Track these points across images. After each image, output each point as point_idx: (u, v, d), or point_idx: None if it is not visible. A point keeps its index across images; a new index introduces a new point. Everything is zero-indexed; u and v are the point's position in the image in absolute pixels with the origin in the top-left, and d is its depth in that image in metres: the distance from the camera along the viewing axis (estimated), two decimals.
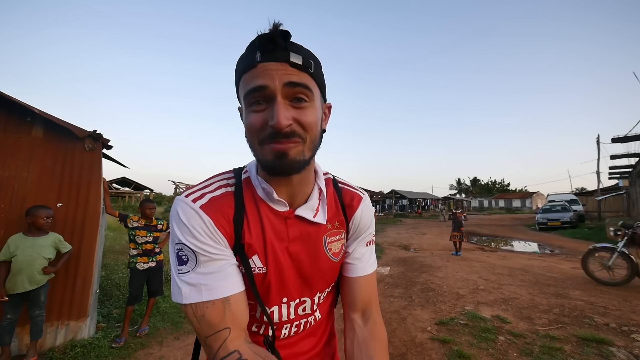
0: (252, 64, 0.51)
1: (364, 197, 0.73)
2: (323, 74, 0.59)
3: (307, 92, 0.53)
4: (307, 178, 0.63)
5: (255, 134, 0.53)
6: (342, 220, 0.69)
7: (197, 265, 0.54)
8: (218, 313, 0.52)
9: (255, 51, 0.51)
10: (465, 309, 3.69)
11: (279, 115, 0.49)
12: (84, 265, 2.80)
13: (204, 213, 0.55)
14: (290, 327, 0.67)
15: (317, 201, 0.65)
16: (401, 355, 2.66)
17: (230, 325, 0.53)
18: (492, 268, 5.97)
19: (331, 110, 0.65)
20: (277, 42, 0.50)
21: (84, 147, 2.88)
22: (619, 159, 13.35)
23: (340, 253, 0.69)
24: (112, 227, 9.75)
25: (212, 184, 0.62)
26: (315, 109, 0.55)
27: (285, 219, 0.62)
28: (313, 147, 0.57)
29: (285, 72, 0.51)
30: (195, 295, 0.52)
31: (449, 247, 9.06)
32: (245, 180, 0.63)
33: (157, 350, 2.78)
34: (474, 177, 70.23)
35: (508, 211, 44.00)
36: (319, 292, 0.68)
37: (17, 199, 2.60)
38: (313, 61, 0.54)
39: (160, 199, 30.12)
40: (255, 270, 0.59)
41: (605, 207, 18.84)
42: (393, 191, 32.49)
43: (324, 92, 0.60)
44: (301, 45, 0.55)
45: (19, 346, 2.50)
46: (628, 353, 2.58)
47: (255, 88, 0.51)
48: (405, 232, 14.00)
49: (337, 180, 0.74)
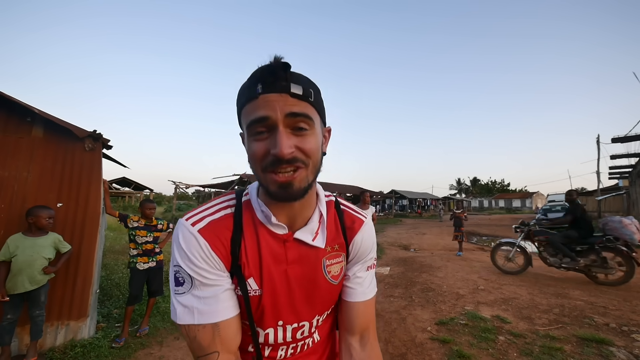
0: (253, 95, 0.53)
1: (366, 221, 0.74)
2: (322, 100, 0.61)
3: (308, 121, 0.55)
4: (308, 202, 0.64)
5: (259, 162, 0.55)
6: (342, 243, 0.69)
7: (192, 287, 0.56)
8: (207, 337, 0.55)
9: (257, 83, 0.53)
10: (465, 309, 3.69)
11: (281, 144, 0.51)
12: (84, 265, 2.80)
13: (201, 237, 0.57)
14: (286, 349, 0.67)
15: (317, 224, 0.66)
16: (401, 355, 2.66)
17: (219, 349, 0.55)
18: (492, 268, 5.97)
19: (330, 133, 0.67)
20: (277, 74, 0.52)
21: (84, 147, 2.88)
22: (619, 159, 13.37)
23: (340, 276, 0.69)
24: (112, 227, 9.75)
25: (213, 207, 0.64)
26: (315, 136, 0.57)
27: (284, 242, 0.63)
28: (315, 171, 0.59)
29: (285, 102, 0.52)
30: (188, 317, 0.56)
31: (449, 247, 9.06)
32: (246, 203, 0.65)
33: (157, 350, 2.78)
34: (474, 177, 70.25)
35: (508, 211, 43.97)
36: (317, 315, 0.68)
37: (17, 199, 2.60)
38: (313, 90, 0.56)
39: (160, 199, 30.13)
40: (251, 292, 0.60)
41: (605, 207, 18.85)
42: (393, 191, 32.47)
43: (324, 118, 0.62)
44: (301, 74, 0.56)
45: (19, 346, 2.50)
46: (628, 353, 2.57)
47: (257, 119, 0.53)
48: (405, 232, 14.00)
49: (339, 202, 0.75)
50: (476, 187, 68.31)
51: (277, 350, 0.66)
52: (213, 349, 0.55)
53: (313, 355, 0.72)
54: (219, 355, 0.55)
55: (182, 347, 2.86)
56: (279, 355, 0.66)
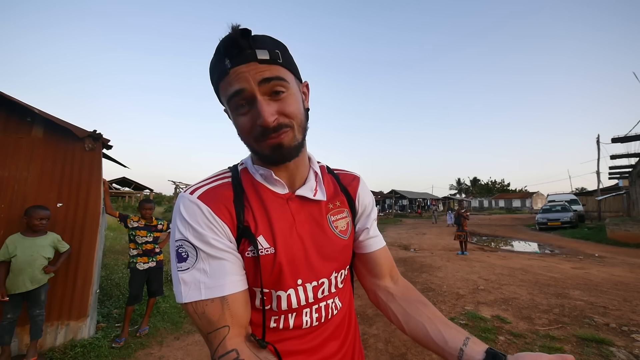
0: (224, 71, 0.54)
1: (361, 177, 0.79)
2: (292, 57, 0.60)
3: (283, 83, 0.55)
4: (302, 162, 0.66)
5: (248, 134, 0.57)
6: (343, 200, 0.72)
7: (197, 261, 0.54)
8: (217, 311, 0.52)
9: (224, 58, 0.53)
10: (465, 309, 3.69)
11: (263, 113, 0.52)
12: (84, 265, 2.80)
13: (202, 203, 0.56)
14: (310, 313, 0.63)
15: (315, 182, 0.68)
16: (401, 355, 2.66)
17: (229, 323, 0.53)
18: (492, 268, 5.97)
19: (309, 88, 0.67)
20: (240, 44, 0.52)
21: (84, 147, 2.88)
22: (619, 159, 13.37)
23: (348, 231, 0.70)
24: (112, 227, 9.75)
25: (210, 178, 0.64)
26: (294, 95, 0.57)
27: (287, 201, 0.64)
28: (302, 130, 0.60)
29: (256, 70, 0.53)
30: (195, 294, 0.53)
31: (449, 247, 9.06)
32: (243, 170, 0.66)
33: (157, 350, 2.78)
34: (474, 177, 70.24)
35: (508, 211, 43.98)
36: (334, 271, 0.66)
37: (17, 199, 2.60)
38: (279, 50, 0.56)
39: (160, 199, 30.13)
40: (262, 251, 0.57)
41: (605, 207, 18.85)
42: (393, 191, 32.48)
43: (298, 75, 0.62)
44: (264, 36, 0.56)
45: (19, 346, 2.50)
46: (628, 353, 2.57)
47: (233, 94, 0.54)
48: (405, 232, 14.00)
49: (330, 168, 0.79)
50: (476, 187, 68.30)
51: (301, 316, 0.62)
52: (223, 323, 0.52)
53: (336, 339, 0.67)
54: (230, 329, 0.52)
55: (182, 347, 2.86)
56: (305, 322, 0.62)
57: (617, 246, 9.50)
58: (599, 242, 10.45)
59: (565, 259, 7.44)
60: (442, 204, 21.36)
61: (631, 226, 10.15)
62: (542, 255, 8.16)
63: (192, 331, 3.17)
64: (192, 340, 2.98)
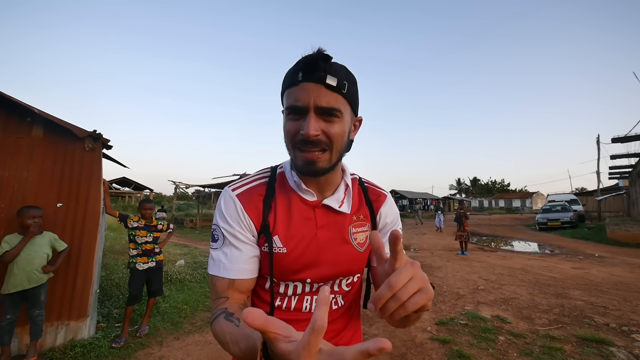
0: (294, 81, 0.61)
1: (388, 195, 0.84)
2: (357, 91, 0.67)
3: (336, 113, 0.61)
4: (333, 177, 0.72)
5: (290, 138, 0.64)
6: (366, 214, 0.78)
7: (223, 245, 0.67)
8: (224, 286, 0.65)
9: (299, 71, 0.60)
10: (465, 309, 3.69)
11: (309, 126, 0.59)
12: (84, 265, 2.80)
13: (237, 199, 0.68)
14: (311, 300, 0.72)
15: (343, 194, 0.74)
16: (401, 355, 2.66)
17: (230, 296, 0.65)
18: (492, 268, 5.97)
19: (361, 123, 0.74)
20: (317, 64, 0.59)
21: (84, 147, 2.87)
22: (619, 159, 13.39)
23: (365, 244, 0.75)
24: (112, 227, 9.75)
25: (252, 177, 0.74)
26: (343, 124, 0.63)
27: (314, 208, 0.71)
28: (339, 155, 0.66)
29: (319, 93, 0.59)
30: (215, 269, 0.67)
31: (449, 247, 9.06)
32: (280, 174, 0.75)
33: (157, 350, 2.78)
34: (474, 177, 70.18)
35: (508, 211, 43.96)
36: (342, 275, 0.73)
37: (17, 199, 2.60)
38: (347, 82, 0.62)
39: (160, 199, 30.12)
40: (275, 249, 0.67)
41: (605, 207, 18.84)
42: (393, 191, 32.48)
43: (355, 108, 0.68)
44: (341, 66, 0.63)
45: (19, 346, 2.50)
46: (628, 353, 2.57)
47: (293, 106, 0.61)
48: (405, 232, 13.99)
49: (362, 180, 0.84)
50: (476, 187, 68.26)
51: (302, 302, 0.71)
52: (225, 295, 0.65)
53: (334, 324, 0.73)
54: (229, 299, 0.64)
55: (182, 347, 2.86)
56: (304, 307, 0.71)
57: (617, 246, 9.50)
58: (599, 242, 10.45)
59: (565, 259, 7.44)
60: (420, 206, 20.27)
61: (631, 226, 10.15)
62: (542, 255, 8.16)
63: (192, 331, 3.17)
64: (192, 340, 2.98)
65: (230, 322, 0.56)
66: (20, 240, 2.36)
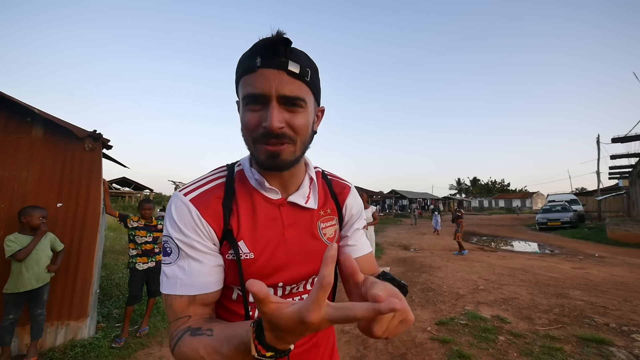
0: (251, 67, 0.54)
1: (352, 187, 0.81)
2: (319, 79, 0.62)
3: (300, 102, 0.56)
4: (297, 171, 0.67)
5: (250, 132, 0.57)
6: (333, 208, 0.74)
7: (178, 258, 0.58)
8: (183, 305, 0.56)
9: (257, 56, 0.54)
10: (465, 309, 3.69)
11: (272, 118, 0.53)
12: (84, 265, 2.80)
13: (192, 205, 0.59)
14: None
15: (308, 189, 0.70)
16: (401, 356, 2.66)
17: (192, 313, 0.56)
18: (492, 268, 5.97)
19: (324, 113, 0.69)
20: (277, 49, 0.53)
21: (84, 147, 2.88)
22: (619, 159, 13.37)
23: (335, 238, 0.72)
24: (112, 227, 9.76)
25: (205, 178, 0.65)
26: (307, 115, 0.58)
27: (279, 207, 0.65)
28: (303, 147, 0.61)
29: (281, 80, 0.53)
30: (169, 287, 0.57)
31: (449, 247, 9.05)
32: (239, 172, 0.67)
33: (157, 350, 2.78)
34: (474, 177, 70.18)
35: (508, 211, 43.95)
36: (314, 274, 0.68)
37: (17, 199, 2.60)
38: (310, 69, 0.57)
39: (160, 199, 30.10)
40: (242, 256, 0.60)
41: (605, 207, 18.84)
42: (393, 191, 32.49)
43: (318, 98, 0.63)
44: (301, 51, 0.57)
45: (19, 346, 2.50)
46: (628, 353, 2.57)
47: (252, 95, 0.55)
48: (405, 232, 14.00)
49: (325, 173, 0.80)
50: (476, 187, 68.25)
51: None
52: (185, 314, 0.56)
53: (317, 347, 0.71)
54: (190, 317, 0.56)
55: None
56: None
57: (617, 246, 9.50)
58: (599, 242, 10.45)
59: (565, 259, 7.44)
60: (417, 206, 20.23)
61: (631, 226, 10.15)
62: (542, 255, 8.15)
63: None
64: None
65: (200, 335, 0.49)
66: (30, 240, 2.37)
